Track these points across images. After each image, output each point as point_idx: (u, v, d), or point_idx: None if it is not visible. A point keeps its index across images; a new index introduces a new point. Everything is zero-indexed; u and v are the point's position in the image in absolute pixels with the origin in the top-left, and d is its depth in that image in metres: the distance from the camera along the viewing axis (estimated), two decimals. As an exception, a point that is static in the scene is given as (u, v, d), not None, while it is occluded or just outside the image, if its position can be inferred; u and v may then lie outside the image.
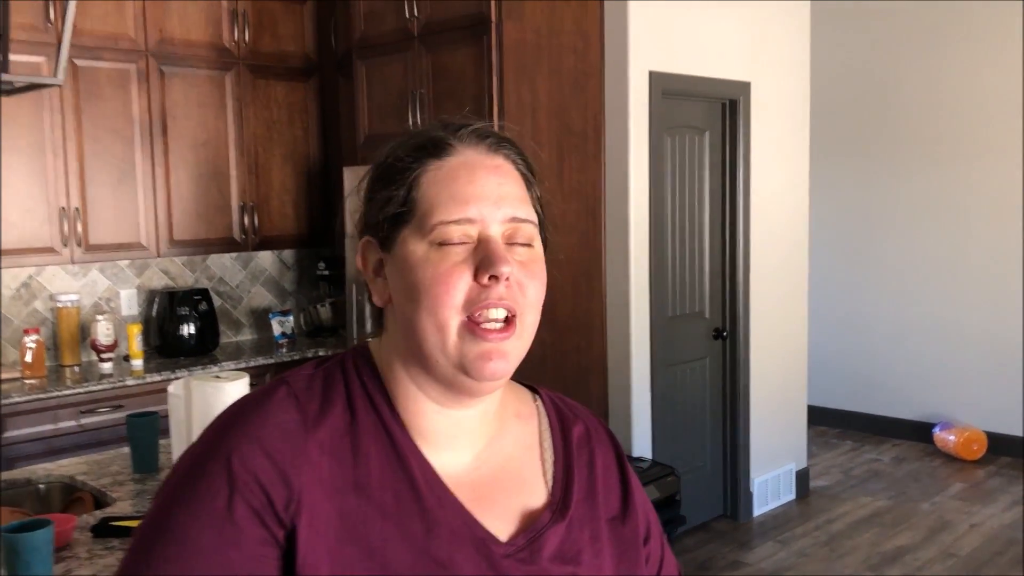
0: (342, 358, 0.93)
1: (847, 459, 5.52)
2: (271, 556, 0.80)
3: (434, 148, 0.90)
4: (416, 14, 3.84)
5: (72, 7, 2.23)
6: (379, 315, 0.94)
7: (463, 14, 3.66)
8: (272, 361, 4.17)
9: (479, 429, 0.93)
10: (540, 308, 0.90)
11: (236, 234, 4.36)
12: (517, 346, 0.87)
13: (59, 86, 2.50)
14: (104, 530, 1.96)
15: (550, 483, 0.95)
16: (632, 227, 3.91)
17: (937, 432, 5.59)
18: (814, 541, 4.27)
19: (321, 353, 4.36)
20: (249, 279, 4.73)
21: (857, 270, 6.10)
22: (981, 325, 5.58)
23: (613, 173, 3.92)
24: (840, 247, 6.13)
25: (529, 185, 0.93)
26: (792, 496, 4.79)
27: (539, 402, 1.02)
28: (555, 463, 0.97)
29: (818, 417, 5.90)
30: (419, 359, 0.88)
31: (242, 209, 4.36)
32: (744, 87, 4.35)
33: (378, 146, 3.77)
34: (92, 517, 2.09)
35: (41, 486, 2.47)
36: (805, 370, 4.92)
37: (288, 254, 4.86)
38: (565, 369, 3.91)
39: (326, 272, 4.75)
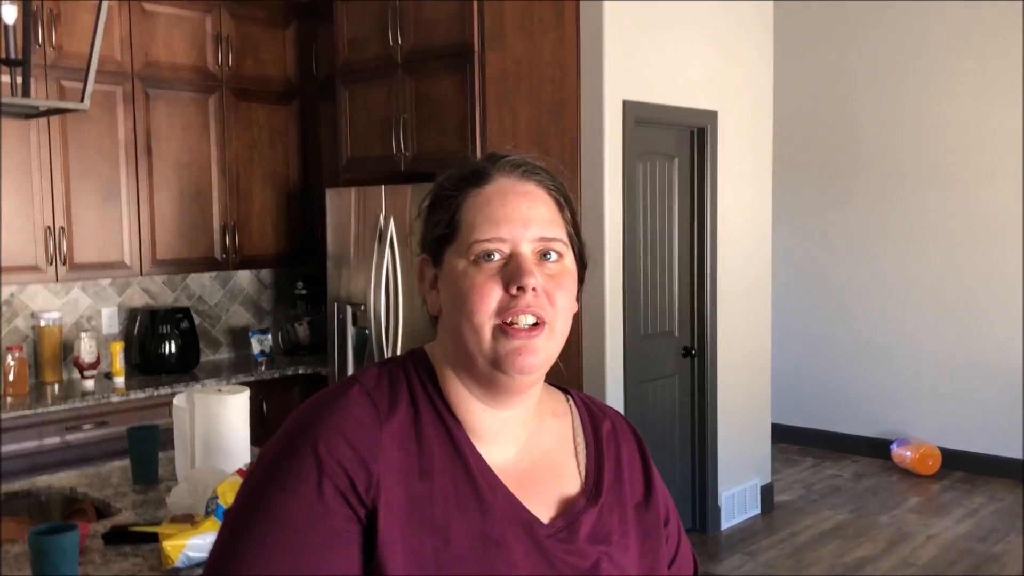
0: (403, 361, 1.05)
1: (809, 475, 5.70)
2: (354, 532, 0.91)
3: (474, 177, 1.04)
4: (400, 42, 3.97)
5: (100, 32, 2.31)
6: (434, 323, 1.06)
7: (447, 43, 3.80)
8: (252, 379, 4.23)
9: (521, 426, 1.05)
10: (571, 314, 1.03)
11: (217, 253, 4.43)
12: (547, 346, 1.00)
13: (84, 111, 2.58)
14: (116, 537, 2.03)
15: (583, 473, 1.08)
16: (607, 249, 4.06)
17: (894, 448, 5.80)
18: (779, 553, 4.42)
19: (300, 371, 4.44)
20: (228, 298, 4.79)
21: (817, 292, 6.32)
22: (935, 346, 5.82)
23: (589, 197, 4.07)
24: (801, 269, 6.36)
25: (560, 208, 1.06)
26: (757, 510, 4.95)
27: (571, 402, 1.14)
28: (587, 455, 1.09)
29: (781, 435, 6.09)
30: (463, 360, 1.01)
31: (223, 229, 4.44)
32: (712, 116, 4.54)
33: (360, 169, 3.96)
34: (102, 526, 2.15)
35: (42, 497, 2.52)
36: (769, 388, 5.11)
37: (266, 273, 4.94)
38: (542, 386, 4.04)
39: (304, 291, 4.84)
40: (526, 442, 1.06)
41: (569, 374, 4.30)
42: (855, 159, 6.12)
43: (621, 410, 4.13)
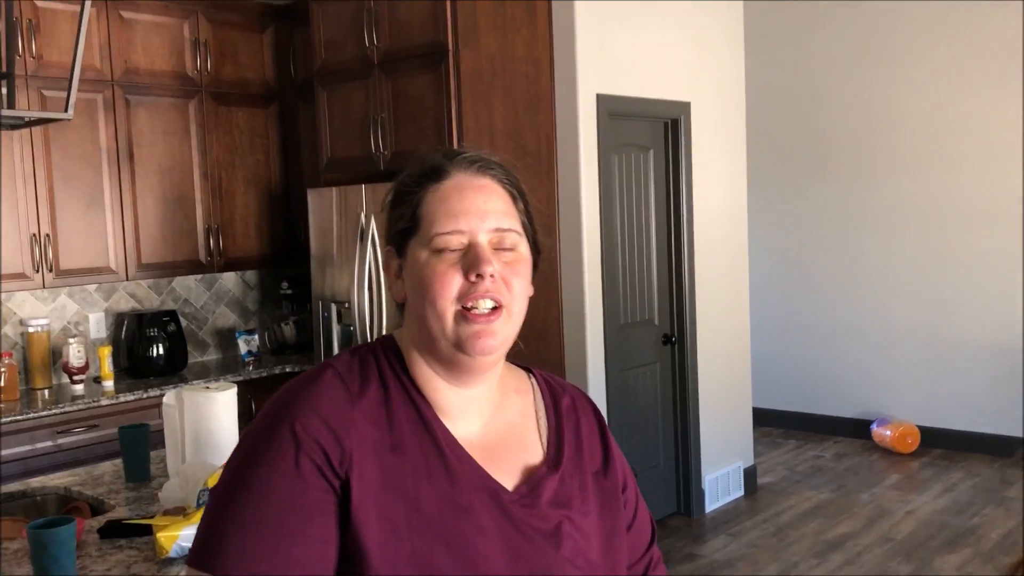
0: (373, 346, 1.13)
1: (791, 456, 5.81)
2: (331, 502, 1.00)
3: (433, 173, 1.12)
4: (376, 43, 4.04)
5: (82, 41, 2.37)
6: (401, 310, 1.15)
7: (421, 43, 3.87)
8: (240, 378, 4.30)
9: (484, 402, 1.14)
10: (527, 298, 1.12)
11: (202, 256, 4.50)
12: (505, 329, 1.09)
13: (68, 120, 2.64)
14: (111, 531, 2.10)
15: (545, 444, 1.16)
16: (584, 240, 4.15)
17: (874, 428, 5.92)
18: (763, 533, 4.52)
19: (288, 370, 4.50)
20: (214, 300, 4.85)
21: (795, 277, 6.43)
22: (912, 326, 5.94)
23: (565, 190, 4.16)
24: (778, 255, 6.46)
25: (515, 200, 1.15)
26: (741, 492, 5.05)
27: (533, 380, 1.23)
28: (548, 428, 1.18)
29: (763, 418, 6.19)
30: (428, 343, 1.09)
31: (207, 232, 4.50)
32: (685, 107, 4.63)
33: (341, 169, 4.04)
34: (97, 521, 2.22)
35: (38, 498, 2.59)
36: (749, 372, 5.21)
37: (251, 275, 5.00)
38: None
39: (289, 291, 4.90)
40: (490, 417, 1.14)
41: (551, 364, 4.38)
42: (828, 146, 6.22)
43: (603, 398, 4.23)
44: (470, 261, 1.07)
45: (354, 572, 0.99)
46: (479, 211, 1.09)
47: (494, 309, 1.07)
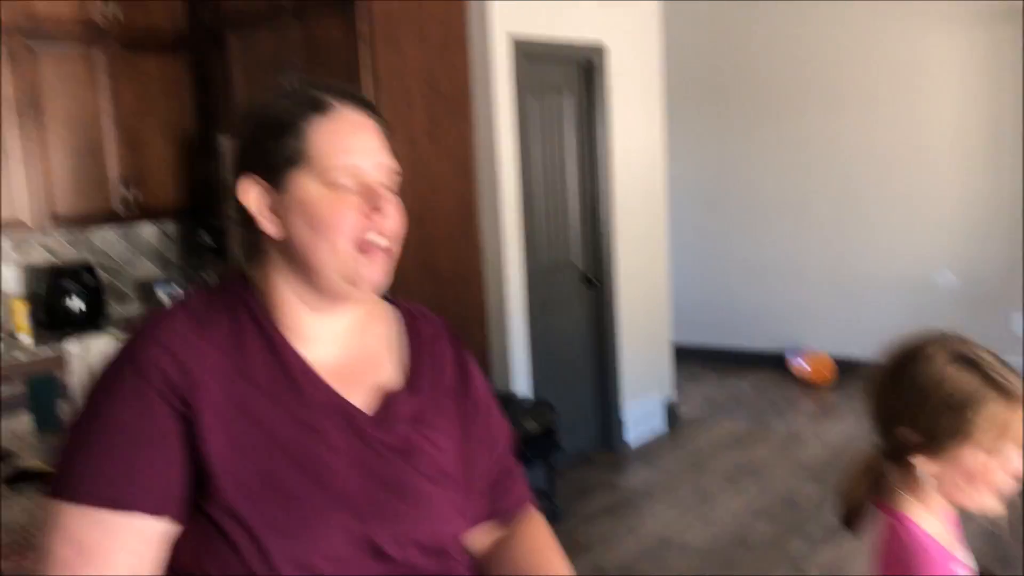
0: (223, 282, 1.18)
1: (711, 390, 6.01)
2: (176, 428, 1.05)
3: (318, 106, 1.12)
4: (285, -13, 3.98)
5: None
6: (253, 244, 1.16)
7: (330, -14, 3.83)
8: (162, 329, 4.27)
9: (346, 330, 1.19)
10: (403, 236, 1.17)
11: (117, 207, 4.44)
12: (391, 265, 1.15)
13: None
14: (19, 478, 2.13)
15: (403, 368, 1.22)
16: (502, 184, 4.19)
17: (791, 360, 6.14)
18: (681, 462, 4.70)
19: (211, 319, 4.49)
20: (132, 252, 4.81)
21: (714, 216, 6.58)
22: (827, 260, 6.14)
23: (482, 134, 4.18)
24: (697, 195, 6.59)
25: (388, 140, 1.19)
26: (662, 425, 5.23)
27: (395, 309, 1.29)
28: (408, 354, 1.24)
29: (686, 355, 6.37)
30: (309, 276, 1.12)
31: (122, 182, 4.43)
32: (600, 48, 4.67)
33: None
34: (4, 467, 2.24)
35: (-54, 450, 2.58)
36: (668, 310, 5.35)
37: (170, 226, 4.95)
38: (447, 319, 4.18)
39: (209, 242, 4.87)
40: (349, 342, 1.19)
41: (472, 307, 4.43)
42: (746, 85, 6.32)
43: (526, 338, 4.33)
44: (369, 197, 1.10)
45: (205, 494, 1.05)
46: (374, 149, 1.13)
47: (388, 245, 1.13)
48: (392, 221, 1.13)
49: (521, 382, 4.33)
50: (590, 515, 4.10)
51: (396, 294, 1.28)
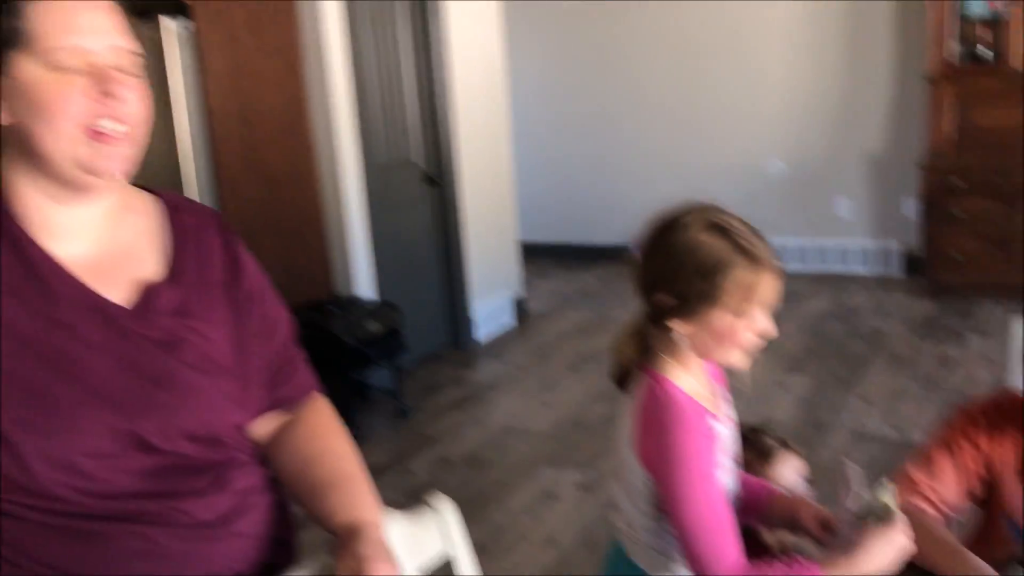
0: None
1: (559, 284, 6.16)
2: None
3: None
4: None
5: None
6: None
7: None
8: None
9: (97, 222, 1.15)
10: (150, 122, 1.12)
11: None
12: (133, 152, 1.10)
13: None
14: None
15: (166, 260, 1.19)
16: (332, 80, 4.06)
17: (634, 252, 6.33)
18: (527, 354, 4.84)
19: None
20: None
21: (557, 112, 6.62)
22: (664, 154, 6.31)
23: (308, 27, 4.03)
24: (540, 93, 6.60)
25: (126, 17, 1.12)
26: (511, 321, 5.34)
27: (157, 200, 1.24)
28: (171, 245, 1.20)
29: (535, 252, 6.46)
30: (41, 165, 1.07)
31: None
32: (432, -60, 4.53)
33: None
34: None
35: None
36: (513, 208, 5.40)
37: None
38: (282, 222, 4.11)
39: None
40: (102, 235, 1.15)
41: (307, 208, 4.32)
42: (588, -20, 6.31)
43: (366, 238, 4.30)
44: (101, 80, 1.04)
45: None
46: (105, 29, 1.06)
47: (125, 131, 1.07)
48: (130, 106, 1.08)
49: (364, 284, 4.31)
50: (438, 410, 4.18)
51: (223, 194, 1.25)
